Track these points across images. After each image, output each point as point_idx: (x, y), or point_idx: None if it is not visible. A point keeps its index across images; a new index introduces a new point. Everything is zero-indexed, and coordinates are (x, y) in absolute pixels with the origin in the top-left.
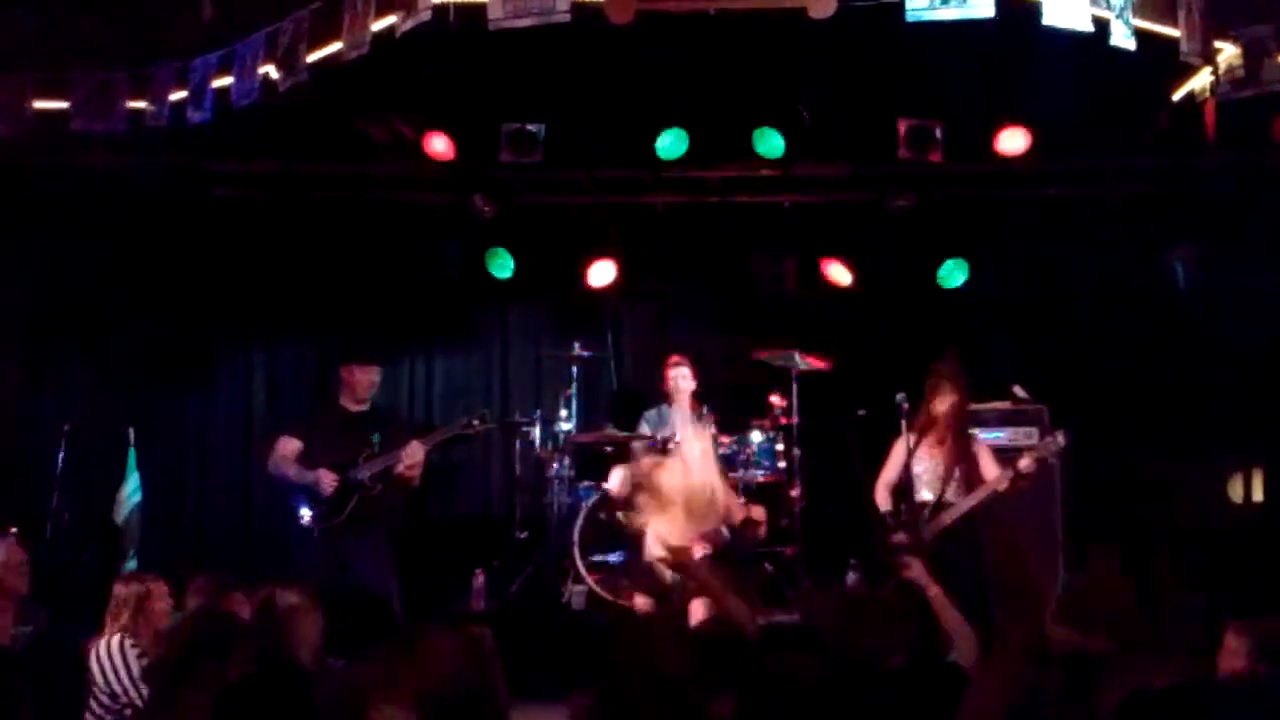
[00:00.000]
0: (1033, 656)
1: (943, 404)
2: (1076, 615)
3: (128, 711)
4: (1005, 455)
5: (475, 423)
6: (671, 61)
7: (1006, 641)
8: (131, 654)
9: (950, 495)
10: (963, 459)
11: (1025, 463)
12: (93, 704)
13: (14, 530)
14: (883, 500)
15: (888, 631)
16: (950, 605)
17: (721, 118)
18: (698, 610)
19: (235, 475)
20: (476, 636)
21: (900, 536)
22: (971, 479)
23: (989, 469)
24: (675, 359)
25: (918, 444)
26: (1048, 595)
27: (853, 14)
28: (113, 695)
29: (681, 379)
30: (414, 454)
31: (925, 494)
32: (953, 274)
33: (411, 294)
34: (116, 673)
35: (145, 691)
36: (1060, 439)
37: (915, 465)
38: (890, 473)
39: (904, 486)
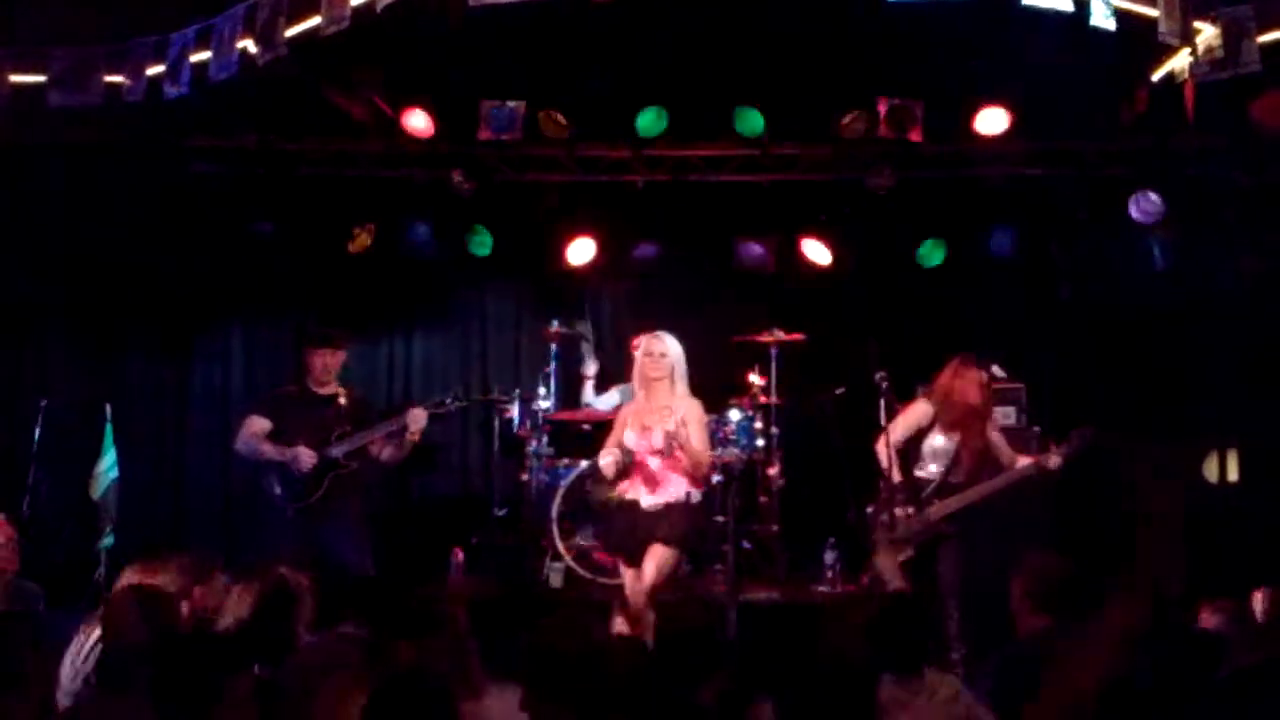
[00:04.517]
0: None
1: (969, 390)
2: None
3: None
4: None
5: (448, 401)
6: (652, 38)
7: None
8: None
9: (956, 479)
10: (980, 446)
11: (1055, 461)
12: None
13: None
14: (883, 456)
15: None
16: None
17: (702, 95)
18: None
19: (214, 453)
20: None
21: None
22: (985, 465)
23: (1007, 455)
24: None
25: (934, 420)
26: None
27: None
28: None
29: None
30: (417, 419)
31: (933, 469)
32: (932, 253)
33: (390, 272)
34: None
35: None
36: (1089, 435)
37: (933, 439)
38: (900, 434)
39: (907, 455)
